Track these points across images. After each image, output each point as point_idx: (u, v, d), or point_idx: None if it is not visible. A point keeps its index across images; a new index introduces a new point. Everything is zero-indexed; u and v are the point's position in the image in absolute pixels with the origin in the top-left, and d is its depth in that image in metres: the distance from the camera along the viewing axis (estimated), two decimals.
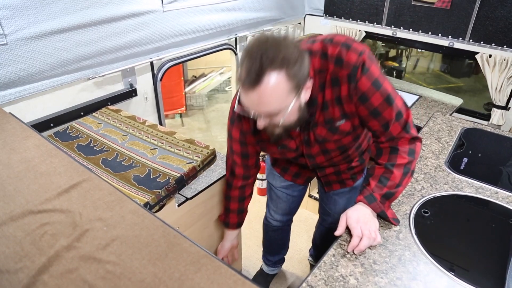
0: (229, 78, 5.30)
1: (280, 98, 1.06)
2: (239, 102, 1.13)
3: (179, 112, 4.86)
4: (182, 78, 4.77)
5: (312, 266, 2.42)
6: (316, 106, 1.23)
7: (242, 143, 1.45)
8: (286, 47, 1.02)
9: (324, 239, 2.14)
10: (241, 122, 1.38)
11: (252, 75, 1.00)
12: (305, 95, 1.14)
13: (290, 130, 1.24)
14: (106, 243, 0.94)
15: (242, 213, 1.73)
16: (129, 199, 1.08)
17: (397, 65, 5.33)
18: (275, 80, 1.01)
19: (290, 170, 1.72)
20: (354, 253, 1.20)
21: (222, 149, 1.70)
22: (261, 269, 2.34)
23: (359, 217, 1.24)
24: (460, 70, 5.79)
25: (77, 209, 1.04)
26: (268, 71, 1.00)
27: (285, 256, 2.30)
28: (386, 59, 5.29)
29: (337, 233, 1.25)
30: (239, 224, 1.76)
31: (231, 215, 1.71)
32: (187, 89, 5.02)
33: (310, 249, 2.43)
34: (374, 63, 1.15)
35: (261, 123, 1.15)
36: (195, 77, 5.41)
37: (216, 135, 4.39)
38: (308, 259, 2.46)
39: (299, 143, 1.37)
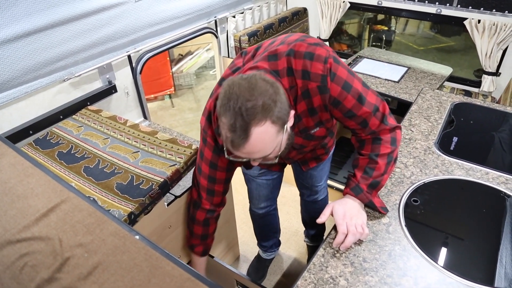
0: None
1: (271, 143, 1.04)
2: (227, 150, 1.08)
3: (168, 93, 4.77)
4: (168, 58, 4.65)
5: (309, 247, 2.45)
6: None
7: (212, 165, 1.33)
8: (261, 91, 0.97)
9: (311, 215, 2.16)
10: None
11: (238, 132, 0.97)
12: (290, 123, 1.10)
13: (283, 155, 1.20)
14: (88, 271, 0.92)
15: (206, 239, 1.56)
16: (109, 219, 1.05)
17: (386, 28, 5.20)
18: (262, 131, 0.98)
19: None
20: (340, 250, 1.19)
21: None
22: (258, 255, 2.36)
23: (345, 212, 1.23)
24: (450, 29, 5.67)
25: (57, 235, 1.01)
26: (253, 126, 0.96)
27: (280, 239, 2.32)
28: (375, 23, 5.16)
29: (319, 220, 1.24)
30: (204, 253, 1.59)
31: (194, 240, 1.55)
32: (174, 69, 4.90)
33: (304, 231, 2.45)
34: (340, 65, 1.12)
35: (255, 163, 1.14)
36: (182, 55, 5.28)
37: None
38: (305, 241, 2.47)
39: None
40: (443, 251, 1.19)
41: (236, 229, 2.30)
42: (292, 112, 1.10)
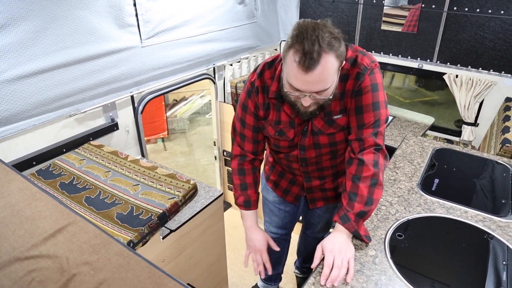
0: (210, 101, 5.35)
1: (332, 76, 1.21)
2: (289, 83, 1.24)
3: (161, 136, 4.89)
4: (163, 102, 4.82)
5: (298, 278, 2.46)
6: None
7: (255, 116, 1.52)
8: (332, 31, 1.18)
9: (308, 247, 2.20)
10: (257, 96, 1.47)
11: (312, 56, 1.13)
12: (340, 72, 1.29)
13: (324, 107, 1.35)
14: (94, 287, 0.97)
15: (257, 186, 1.70)
16: (114, 240, 1.11)
17: None
18: (330, 60, 1.16)
19: (280, 185, 1.80)
20: (326, 286, 1.23)
21: (205, 172, 1.75)
22: (256, 285, 2.38)
23: (333, 247, 1.29)
24: (434, 84, 6.00)
25: (64, 253, 1.07)
26: (325, 53, 1.14)
27: (282, 275, 2.34)
28: None
29: (312, 266, 1.30)
30: (257, 202, 1.70)
31: (249, 191, 1.64)
32: (168, 113, 5.05)
33: (295, 262, 2.47)
34: (380, 74, 1.35)
35: (307, 102, 1.27)
36: (176, 100, 5.46)
37: (198, 158, 4.42)
38: (294, 272, 2.49)
39: (297, 133, 1.47)
40: (427, 281, 1.26)
41: (227, 268, 2.33)
42: (344, 62, 1.27)
